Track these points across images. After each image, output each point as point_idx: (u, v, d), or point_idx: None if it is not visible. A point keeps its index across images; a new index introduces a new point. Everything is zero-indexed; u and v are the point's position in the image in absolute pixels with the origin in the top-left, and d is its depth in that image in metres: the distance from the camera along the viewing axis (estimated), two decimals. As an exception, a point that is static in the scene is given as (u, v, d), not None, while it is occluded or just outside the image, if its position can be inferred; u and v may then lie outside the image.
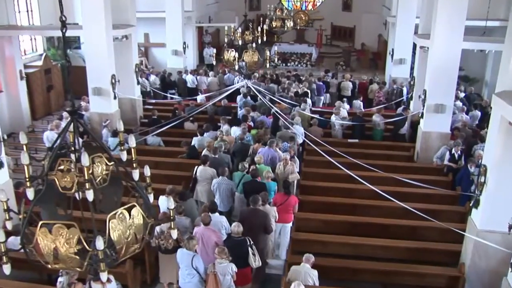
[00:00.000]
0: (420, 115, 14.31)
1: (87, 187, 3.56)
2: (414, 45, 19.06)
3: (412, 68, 20.53)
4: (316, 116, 15.88)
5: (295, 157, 12.13)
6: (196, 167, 11.35)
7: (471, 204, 9.22)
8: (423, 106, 13.82)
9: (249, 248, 8.33)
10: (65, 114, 14.86)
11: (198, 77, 21.14)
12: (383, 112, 16.45)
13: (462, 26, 12.80)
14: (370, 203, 11.19)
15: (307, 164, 13.49)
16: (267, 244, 9.60)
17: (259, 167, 11.16)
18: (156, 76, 21.08)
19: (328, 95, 20.75)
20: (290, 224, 10.40)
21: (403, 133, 15.60)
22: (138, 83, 17.49)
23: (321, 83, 20.22)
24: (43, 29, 19.27)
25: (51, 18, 20.84)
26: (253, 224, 9.04)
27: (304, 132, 14.29)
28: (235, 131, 14.07)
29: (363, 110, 17.50)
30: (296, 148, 13.18)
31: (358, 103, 18.45)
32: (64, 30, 3.91)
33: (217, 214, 9.35)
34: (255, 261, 8.34)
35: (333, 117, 15.78)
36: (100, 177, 3.79)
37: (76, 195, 3.96)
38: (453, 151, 12.81)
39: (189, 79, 20.95)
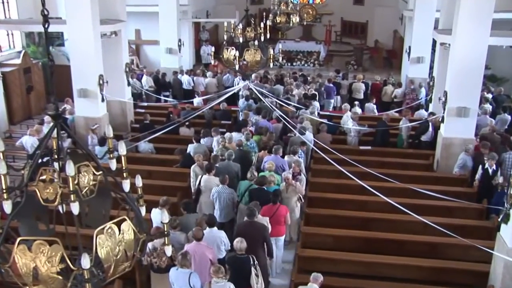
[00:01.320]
0: (440, 120, 14.27)
1: (72, 199, 3.53)
2: (434, 42, 19.04)
3: (431, 68, 20.51)
4: (325, 120, 15.87)
5: (302, 174, 11.94)
6: (199, 176, 11.40)
7: (499, 219, 9.13)
8: (444, 109, 13.77)
9: (252, 268, 8.28)
10: (47, 118, 14.85)
11: (194, 78, 21.16)
12: (409, 117, 16.32)
13: (489, 20, 12.69)
14: (385, 216, 11.14)
15: (315, 173, 13.46)
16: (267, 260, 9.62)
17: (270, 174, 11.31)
18: (148, 76, 21.10)
19: (339, 97, 20.76)
20: (284, 237, 10.49)
21: (425, 140, 15.39)
22: (129, 84, 17.50)
23: (331, 84, 20.25)
24: (21, 23, 19.28)
25: (31, 11, 20.82)
26: (252, 239, 9.03)
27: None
28: (236, 137, 14.06)
29: (376, 113, 17.45)
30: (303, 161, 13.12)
31: (372, 106, 18.42)
32: (46, 25, 3.88)
33: (215, 228, 9.31)
34: (257, 283, 8.29)
35: (349, 122, 15.73)
36: (86, 188, 3.76)
37: (60, 208, 3.93)
38: (486, 165, 12.24)
39: (185, 80, 20.98)
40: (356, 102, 18.44)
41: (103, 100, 15.50)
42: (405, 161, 14.48)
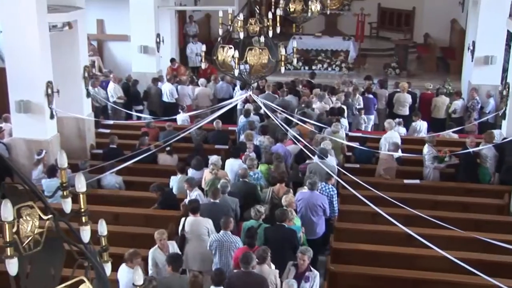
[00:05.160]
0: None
1: (9, 253, 3.49)
2: (509, 35, 19.01)
3: (505, 71, 20.47)
4: (356, 144, 15.85)
5: (311, 268, 10.93)
6: (183, 218, 11.44)
7: None
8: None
9: None
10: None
11: (179, 87, 21.24)
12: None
13: None
14: (442, 277, 11.04)
15: (342, 216, 13.43)
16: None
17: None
18: (116, 84, 21.15)
19: (375, 112, 20.76)
20: None
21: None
22: (89, 95, 17.55)
23: (371, 95, 20.40)
24: None
25: None
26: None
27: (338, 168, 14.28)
28: (232, 164, 14.20)
29: (426, 135, 17.43)
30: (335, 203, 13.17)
31: (422, 125, 18.31)
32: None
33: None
34: None
35: (425, 149, 15.66)
36: (29, 238, 3.73)
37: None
38: None
39: (166, 89, 21.04)
40: (399, 120, 18.35)
41: (52, 116, 15.49)
42: (468, 200, 14.41)
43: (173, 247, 10.80)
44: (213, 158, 13.85)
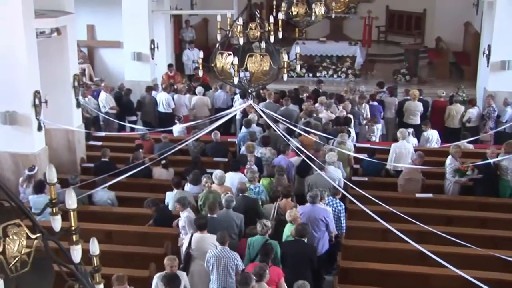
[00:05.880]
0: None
1: (-5, 275, 3.48)
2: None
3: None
4: (363, 156, 15.83)
5: None
6: (189, 235, 11.41)
7: None
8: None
9: None
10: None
11: (175, 96, 21.26)
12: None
13: None
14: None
15: (350, 233, 13.39)
16: None
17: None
18: (108, 94, 21.12)
19: (382, 121, 20.73)
20: None
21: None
22: (79, 105, 17.53)
23: (375, 103, 20.37)
24: None
25: None
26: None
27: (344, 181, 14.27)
28: (232, 178, 14.16)
29: (437, 146, 17.37)
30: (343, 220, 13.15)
31: (433, 134, 18.29)
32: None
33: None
34: None
35: (448, 161, 15.54)
36: (16, 259, 3.72)
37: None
38: None
39: (162, 98, 21.06)
40: (410, 130, 18.30)
41: (40, 128, 15.45)
42: (485, 215, 14.32)
43: (181, 277, 10.52)
44: (217, 173, 13.83)
